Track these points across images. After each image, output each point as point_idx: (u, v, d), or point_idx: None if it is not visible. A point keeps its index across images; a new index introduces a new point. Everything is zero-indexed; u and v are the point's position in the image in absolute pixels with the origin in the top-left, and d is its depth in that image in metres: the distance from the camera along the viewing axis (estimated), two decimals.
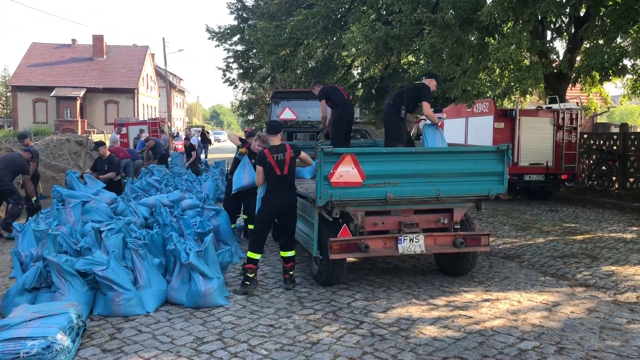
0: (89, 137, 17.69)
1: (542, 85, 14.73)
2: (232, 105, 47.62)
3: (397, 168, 6.00)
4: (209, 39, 27.72)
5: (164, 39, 44.23)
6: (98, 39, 52.91)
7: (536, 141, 12.19)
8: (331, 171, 5.78)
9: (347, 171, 5.81)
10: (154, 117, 29.41)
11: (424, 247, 6.18)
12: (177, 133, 32.78)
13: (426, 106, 7.32)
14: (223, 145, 55.16)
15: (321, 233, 5.99)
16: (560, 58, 13.86)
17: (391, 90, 27.47)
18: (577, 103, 13.17)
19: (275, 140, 6.31)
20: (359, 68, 30.63)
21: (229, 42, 27.69)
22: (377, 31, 13.34)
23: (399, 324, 5.21)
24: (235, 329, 5.12)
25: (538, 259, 7.67)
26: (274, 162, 6.15)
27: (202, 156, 21.38)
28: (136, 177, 13.51)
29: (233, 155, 9.37)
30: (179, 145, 25.05)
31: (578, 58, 15.42)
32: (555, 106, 12.81)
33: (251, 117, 15.61)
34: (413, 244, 6.15)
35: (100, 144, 10.88)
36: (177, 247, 5.85)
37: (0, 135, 25.78)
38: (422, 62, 26.36)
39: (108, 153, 10.70)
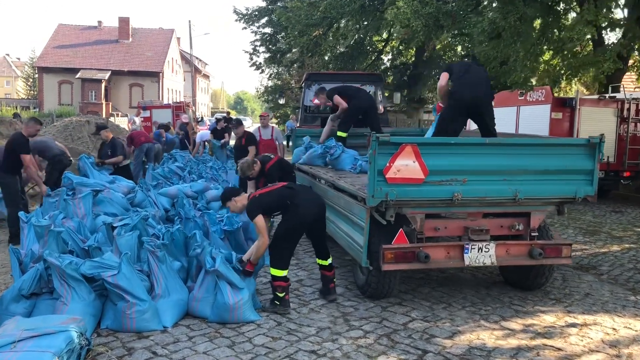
0: (109, 120, 16.89)
1: (602, 76, 13.48)
2: (257, 91, 46.74)
3: (468, 162, 4.96)
4: (237, 20, 26.73)
5: (189, 21, 43.41)
6: (124, 21, 52.32)
7: (597, 134, 10.96)
8: (387, 165, 4.77)
9: (406, 165, 4.79)
10: (178, 100, 28.61)
11: (495, 258, 5.15)
12: (202, 118, 31.96)
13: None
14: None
15: (372, 238, 5.00)
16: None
17: (425, 78, 26.33)
18: None
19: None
20: (390, 54, 29.44)
21: (256, 25, 26.66)
22: (428, 6, 12.08)
23: (471, 355, 4.22)
24: (270, 355, 4.18)
25: (619, 271, 6.57)
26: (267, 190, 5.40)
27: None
28: (157, 162, 12.65)
29: None
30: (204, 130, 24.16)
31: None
32: (619, 95, 11.56)
33: (282, 101, 14.64)
34: (482, 254, 5.13)
35: (102, 127, 9.83)
36: (204, 253, 4.91)
37: (25, 116, 25.23)
38: (458, 47, 25.15)
39: (111, 136, 9.68)
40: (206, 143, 15.19)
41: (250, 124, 57.74)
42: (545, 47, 11.04)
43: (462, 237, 5.25)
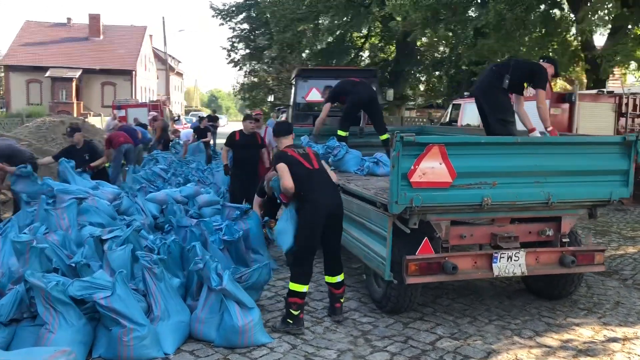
0: (85, 120, 16.10)
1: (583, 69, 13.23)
2: (234, 89, 46.00)
3: (497, 164, 4.53)
4: (214, 16, 26.04)
5: (163, 18, 42.24)
6: (94, 18, 50.86)
7: (595, 130, 10.68)
8: (412, 167, 4.31)
9: (432, 167, 4.34)
10: (154, 99, 27.78)
11: (525, 267, 4.74)
12: (178, 116, 31.10)
13: (541, 94, 5.60)
14: (222, 131, 53.41)
15: (393, 248, 4.53)
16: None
17: (407, 74, 26.01)
18: None
19: (287, 142, 4.97)
20: (368, 51, 29.05)
21: (234, 21, 25.99)
22: None
23: None
24: None
25: None
26: (299, 156, 4.71)
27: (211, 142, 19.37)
28: (138, 164, 11.99)
29: None
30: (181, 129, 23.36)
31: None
32: (618, 90, 11.31)
33: (271, 98, 13.95)
34: (511, 264, 4.70)
35: (76, 129, 8.92)
36: (208, 269, 4.38)
37: None
38: (445, 44, 24.87)
39: (83, 140, 8.75)
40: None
41: (226, 123, 56.82)
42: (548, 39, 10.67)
43: (491, 246, 4.83)
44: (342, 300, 4.88)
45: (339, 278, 4.78)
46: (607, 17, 11.30)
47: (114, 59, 48.65)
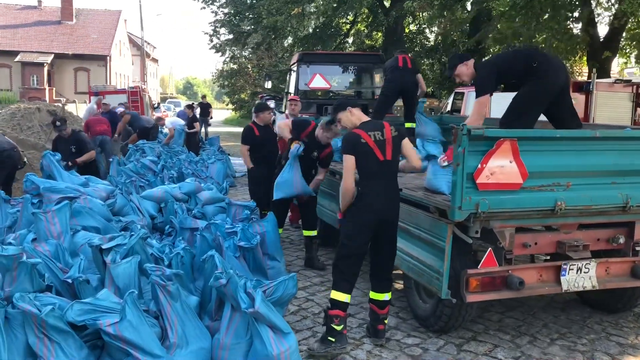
0: (63, 105, 15.05)
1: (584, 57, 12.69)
2: (213, 76, 44.92)
3: (573, 162, 3.89)
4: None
5: (140, 1, 40.73)
6: (67, 1, 48.94)
7: (611, 121, 10.21)
8: (479, 166, 3.65)
9: (501, 166, 3.68)
10: (133, 85, 26.61)
11: (596, 280, 4.13)
12: (158, 104, 29.94)
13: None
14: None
15: (452, 261, 3.87)
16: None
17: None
18: None
19: (359, 116, 4.17)
20: (353, 37, 28.26)
21: (216, 4, 24.92)
22: None
23: None
24: None
25: None
26: (373, 143, 3.97)
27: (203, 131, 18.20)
28: (123, 156, 11.11)
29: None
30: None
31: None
32: (635, 79, 10.81)
33: (268, 85, 13.12)
34: (581, 276, 4.10)
35: (62, 120, 7.91)
36: (233, 286, 3.66)
37: None
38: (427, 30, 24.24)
39: (70, 131, 7.81)
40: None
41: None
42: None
43: (559, 256, 4.21)
44: (385, 322, 4.20)
45: (387, 296, 4.10)
46: None
47: (87, 44, 46.99)
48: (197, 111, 12.94)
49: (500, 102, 6.15)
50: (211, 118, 19.87)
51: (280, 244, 5.59)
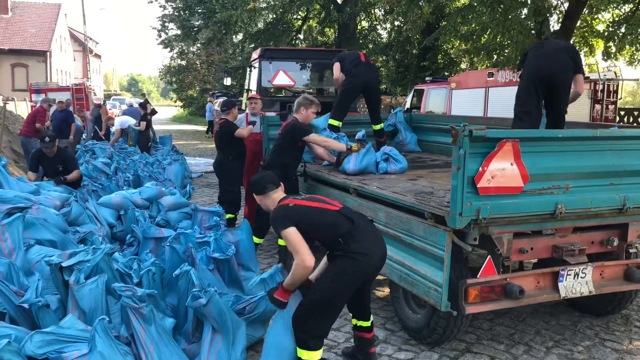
0: (5, 103, 14.06)
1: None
2: (160, 72, 43.72)
3: (573, 163, 3.72)
4: None
5: None
6: None
7: (572, 118, 10.28)
8: (480, 169, 3.41)
9: (502, 169, 3.46)
10: (77, 82, 25.37)
11: (592, 284, 3.99)
12: (104, 101, 28.72)
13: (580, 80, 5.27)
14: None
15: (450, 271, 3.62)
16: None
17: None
18: (616, 73, 11.32)
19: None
20: (302, 33, 27.93)
21: None
22: None
23: None
24: None
25: None
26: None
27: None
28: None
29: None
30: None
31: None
32: (593, 75, 10.92)
33: (227, 82, 12.56)
34: (578, 282, 3.94)
35: (53, 137, 7.13)
36: (211, 304, 3.30)
37: None
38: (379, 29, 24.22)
39: (56, 149, 7.06)
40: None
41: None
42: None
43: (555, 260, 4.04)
44: (375, 345, 3.90)
45: (371, 318, 3.76)
46: None
47: (25, 39, 44.79)
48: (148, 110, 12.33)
49: (497, 100, 5.96)
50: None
51: (255, 253, 5.23)
